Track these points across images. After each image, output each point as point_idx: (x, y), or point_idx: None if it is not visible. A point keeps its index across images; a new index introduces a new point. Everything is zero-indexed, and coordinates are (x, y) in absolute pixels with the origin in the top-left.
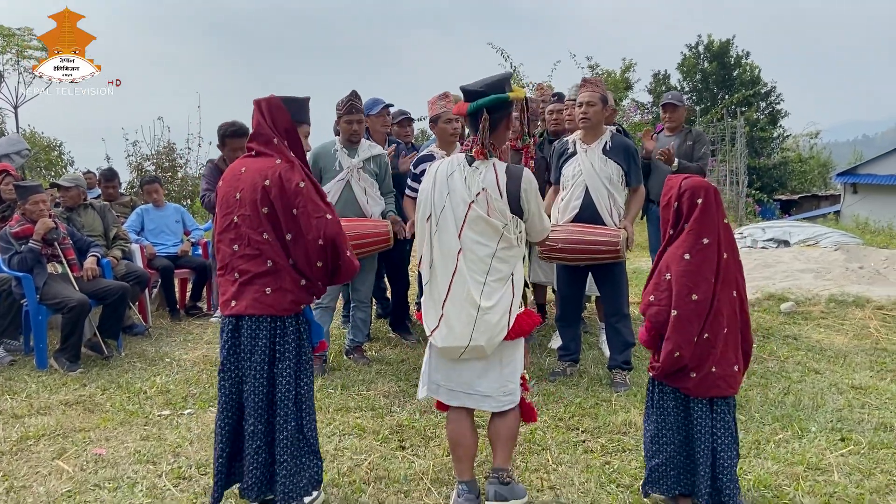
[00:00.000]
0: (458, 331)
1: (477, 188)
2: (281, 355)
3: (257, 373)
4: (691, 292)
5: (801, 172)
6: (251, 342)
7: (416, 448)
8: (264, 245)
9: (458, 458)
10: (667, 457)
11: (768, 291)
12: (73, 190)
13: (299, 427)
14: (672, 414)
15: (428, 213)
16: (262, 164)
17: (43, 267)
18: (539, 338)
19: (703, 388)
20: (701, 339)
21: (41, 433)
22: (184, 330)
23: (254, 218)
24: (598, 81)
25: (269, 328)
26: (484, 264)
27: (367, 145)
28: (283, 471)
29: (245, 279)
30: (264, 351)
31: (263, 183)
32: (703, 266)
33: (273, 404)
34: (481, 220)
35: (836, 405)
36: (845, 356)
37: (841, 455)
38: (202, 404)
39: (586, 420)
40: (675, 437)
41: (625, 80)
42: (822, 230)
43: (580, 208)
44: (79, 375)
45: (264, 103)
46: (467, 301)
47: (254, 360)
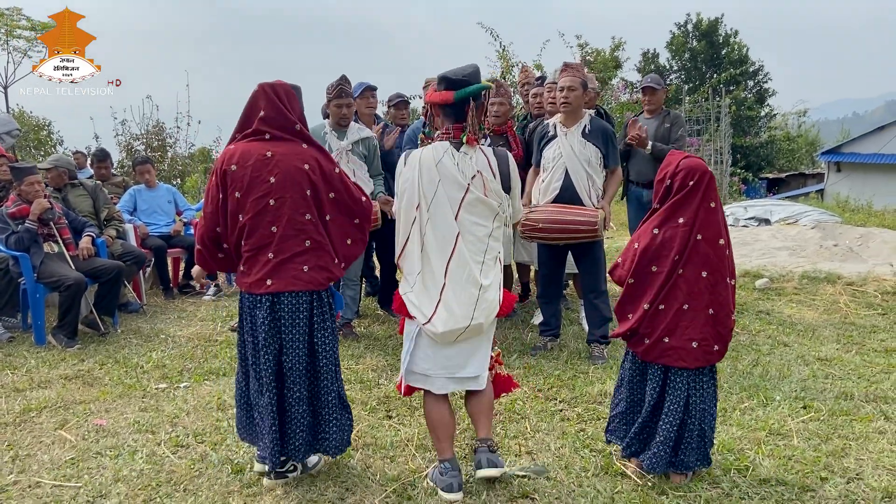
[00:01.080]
0: (458, 312)
1: (472, 172)
2: (320, 326)
3: (300, 343)
4: (651, 264)
5: (788, 151)
6: (292, 316)
7: (402, 417)
8: (308, 225)
9: (439, 439)
10: (620, 410)
11: (744, 268)
12: (52, 171)
13: (340, 386)
14: (628, 373)
15: (416, 201)
16: (292, 149)
17: (39, 246)
18: (522, 314)
19: (652, 355)
20: (655, 308)
21: (43, 405)
22: (177, 308)
23: (298, 200)
24: (579, 66)
25: (309, 302)
26: (482, 244)
27: (356, 128)
28: (333, 429)
29: (283, 258)
30: (305, 323)
31: (303, 167)
32: (669, 242)
33: (316, 371)
34: (478, 201)
35: (802, 376)
36: (814, 330)
37: (802, 421)
38: (198, 378)
39: (564, 391)
40: (626, 393)
41: (614, 58)
42: (802, 209)
43: (560, 189)
44: (77, 351)
45: (280, 89)
46: (468, 281)
47: (295, 333)
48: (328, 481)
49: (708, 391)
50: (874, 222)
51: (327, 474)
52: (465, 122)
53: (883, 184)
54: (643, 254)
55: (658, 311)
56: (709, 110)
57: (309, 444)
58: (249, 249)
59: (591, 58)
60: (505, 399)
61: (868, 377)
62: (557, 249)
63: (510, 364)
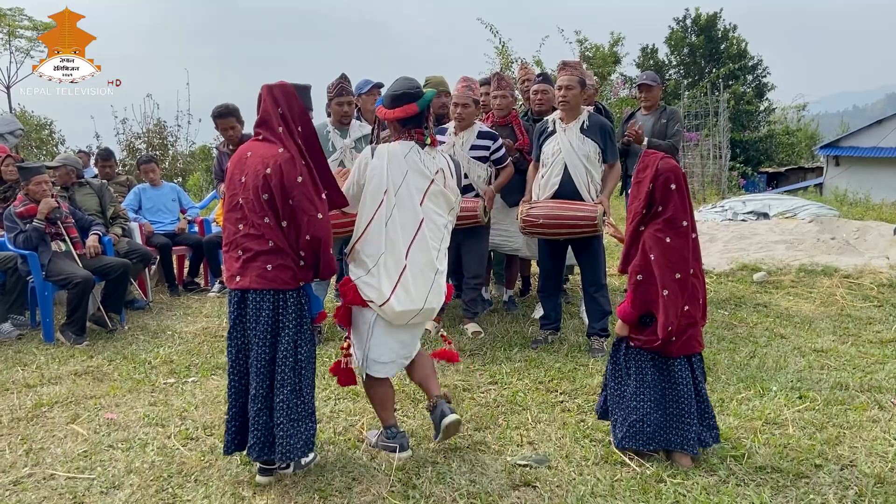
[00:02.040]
0: (415, 294)
1: (435, 168)
2: (283, 325)
3: (261, 341)
4: (675, 272)
5: (788, 145)
6: (256, 313)
7: (405, 409)
8: (265, 228)
9: (385, 409)
10: (644, 413)
11: (742, 262)
12: (60, 169)
13: (296, 391)
14: (650, 374)
15: (384, 187)
16: (266, 151)
17: (47, 245)
18: (523, 308)
19: (683, 349)
20: (683, 311)
21: (54, 401)
22: (183, 304)
23: (255, 202)
24: (577, 64)
25: (272, 301)
26: (440, 232)
27: (357, 126)
28: (280, 432)
29: (248, 256)
30: (268, 321)
31: (265, 171)
32: (684, 248)
33: (273, 371)
34: (441, 193)
35: (798, 367)
36: (811, 322)
37: (797, 411)
38: (205, 372)
39: (564, 383)
40: (653, 394)
41: (613, 54)
42: (800, 202)
43: (559, 184)
44: (85, 348)
45: (278, 90)
46: (427, 265)
47: (258, 330)
48: (335, 471)
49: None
50: (872, 216)
51: (334, 464)
52: (424, 127)
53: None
54: (666, 265)
55: (686, 313)
56: (707, 105)
57: (264, 443)
58: (226, 245)
59: (590, 53)
60: (507, 391)
61: (863, 368)
62: (557, 244)
63: (511, 357)
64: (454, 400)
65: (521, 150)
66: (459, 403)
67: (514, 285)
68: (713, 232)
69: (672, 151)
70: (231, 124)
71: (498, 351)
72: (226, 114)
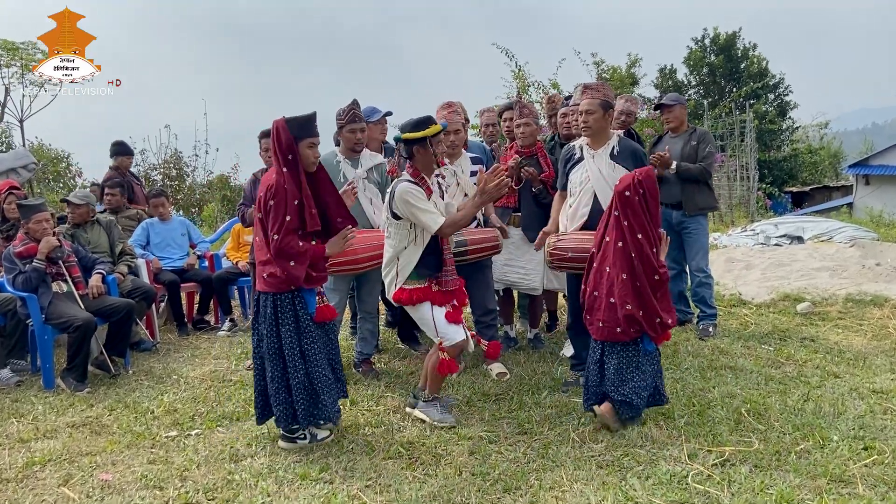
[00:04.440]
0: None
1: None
2: (283, 321)
3: (269, 333)
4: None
5: (811, 164)
6: (263, 311)
7: (426, 467)
8: (262, 242)
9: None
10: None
11: (784, 292)
12: (83, 207)
13: (307, 374)
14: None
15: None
16: (267, 177)
17: (48, 286)
18: (550, 346)
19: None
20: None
21: (47, 458)
22: (191, 345)
23: (258, 220)
24: (600, 86)
25: (273, 301)
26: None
27: (368, 154)
28: (300, 405)
29: (258, 265)
30: (272, 318)
31: (261, 194)
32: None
33: (284, 356)
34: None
35: (858, 411)
36: (865, 358)
37: (865, 465)
38: (210, 424)
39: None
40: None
41: (631, 75)
42: (835, 224)
43: (588, 215)
44: (86, 395)
45: (273, 125)
46: None
47: (266, 324)
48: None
49: None
50: None
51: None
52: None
53: None
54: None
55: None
56: (731, 125)
57: (288, 415)
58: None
59: (608, 75)
60: (537, 444)
61: None
62: None
63: (541, 402)
64: (479, 454)
65: (545, 183)
66: (486, 459)
67: (538, 323)
68: (748, 259)
69: (705, 176)
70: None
71: (526, 395)
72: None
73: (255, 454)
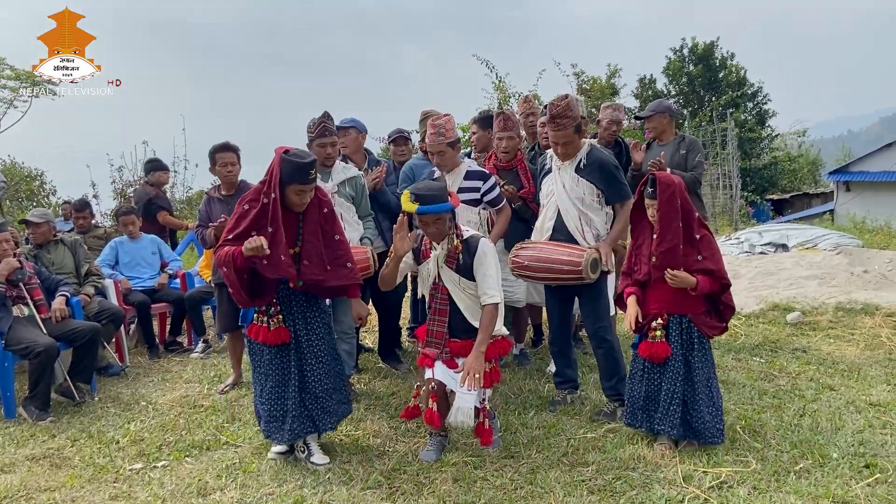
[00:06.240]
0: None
1: None
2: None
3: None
4: None
5: (790, 171)
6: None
7: (408, 497)
8: None
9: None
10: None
11: (773, 301)
12: (43, 226)
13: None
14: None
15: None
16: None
17: (8, 310)
18: (536, 362)
19: None
20: None
21: (2, 495)
22: (162, 368)
23: None
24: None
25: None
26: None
27: (340, 168)
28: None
29: None
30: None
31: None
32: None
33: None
34: None
35: (856, 426)
36: (859, 369)
37: (868, 485)
38: (177, 454)
39: (591, 454)
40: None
41: (611, 85)
42: (819, 232)
43: (552, 230)
44: (48, 425)
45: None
46: None
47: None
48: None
49: None
50: None
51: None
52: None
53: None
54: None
55: None
56: (711, 134)
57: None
58: None
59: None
60: (524, 468)
61: None
62: (562, 291)
63: (528, 423)
64: (464, 481)
65: (525, 199)
66: (471, 486)
67: (523, 338)
68: (735, 268)
69: (694, 185)
70: (231, 160)
71: (512, 416)
72: (225, 148)
73: (224, 487)
